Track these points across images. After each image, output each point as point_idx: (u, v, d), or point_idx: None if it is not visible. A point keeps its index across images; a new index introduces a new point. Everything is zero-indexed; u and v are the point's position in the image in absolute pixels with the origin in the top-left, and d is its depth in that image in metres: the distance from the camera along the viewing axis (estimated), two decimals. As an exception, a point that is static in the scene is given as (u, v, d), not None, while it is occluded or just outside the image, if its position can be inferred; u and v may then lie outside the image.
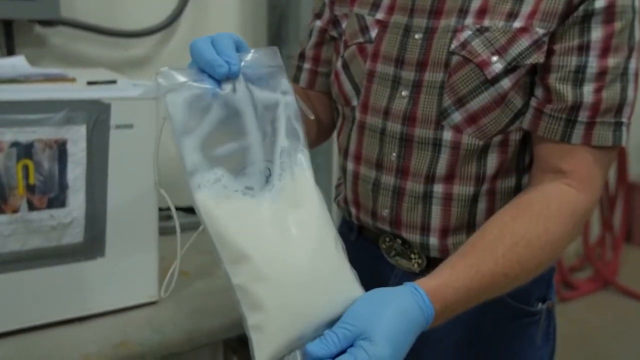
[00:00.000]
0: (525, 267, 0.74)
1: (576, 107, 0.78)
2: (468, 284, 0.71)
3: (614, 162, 3.38)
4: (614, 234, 3.41)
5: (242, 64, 0.67)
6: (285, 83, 0.71)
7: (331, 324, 0.65)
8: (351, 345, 0.62)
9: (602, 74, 0.77)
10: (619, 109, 0.78)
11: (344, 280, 0.69)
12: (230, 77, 0.65)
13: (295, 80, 1.03)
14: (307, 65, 1.02)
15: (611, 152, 0.80)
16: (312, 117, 0.75)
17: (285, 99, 0.71)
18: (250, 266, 0.64)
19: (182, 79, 0.65)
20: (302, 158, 0.71)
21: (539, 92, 0.80)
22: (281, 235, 0.66)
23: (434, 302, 0.68)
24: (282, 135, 0.70)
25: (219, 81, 0.66)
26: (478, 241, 0.75)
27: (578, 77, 0.77)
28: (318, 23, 1.00)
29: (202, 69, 0.66)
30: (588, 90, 0.77)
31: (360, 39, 0.91)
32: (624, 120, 0.79)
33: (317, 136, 1.05)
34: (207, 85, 0.66)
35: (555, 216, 0.76)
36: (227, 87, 0.66)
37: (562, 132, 0.79)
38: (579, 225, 0.79)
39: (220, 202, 0.65)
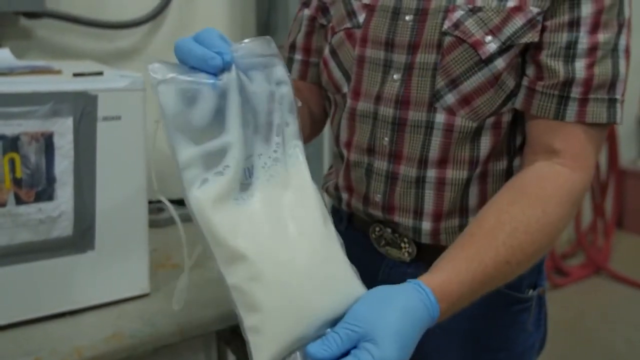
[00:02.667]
0: (526, 252, 0.73)
1: (568, 82, 0.77)
2: (472, 276, 0.70)
3: (605, 146, 3.39)
4: (606, 220, 3.43)
5: (235, 54, 0.65)
6: (281, 72, 0.69)
7: (333, 323, 0.63)
8: (354, 347, 0.60)
9: (593, 49, 0.76)
10: (611, 85, 0.78)
11: (344, 278, 0.67)
12: (225, 68, 0.64)
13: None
14: (298, 57, 1.01)
15: (603, 130, 0.80)
16: (299, 105, 0.74)
17: (280, 90, 0.69)
18: (246, 265, 0.62)
19: (173, 73, 0.64)
20: (297, 151, 0.70)
21: (530, 70, 0.80)
22: (278, 233, 0.65)
23: (440, 300, 0.66)
24: (275, 128, 0.68)
25: (214, 75, 0.64)
26: (476, 230, 0.74)
27: (569, 52, 0.77)
28: (307, 12, 0.99)
29: (194, 66, 0.64)
30: (580, 65, 0.77)
31: (348, 25, 0.90)
32: (618, 97, 0.78)
33: (311, 130, 1.05)
34: (200, 77, 0.64)
35: (552, 197, 0.76)
36: (221, 79, 0.64)
37: (556, 110, 0.78)
38: (576, 205, 0.79)
39: (213, 199, 0.63)
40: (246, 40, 0.68)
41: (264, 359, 0.62)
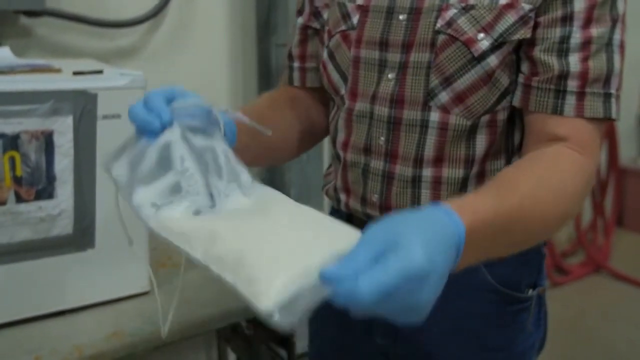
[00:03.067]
0: (546, 212, 0.71)
1: (563, 76, 0.77)
2: (495, 209, 0.64)
3: (605, 144, 3.38)
4: (606, 219, 3.43)
5: (176, 111, 0.69)
6: (219, 138, 0.72)
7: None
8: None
9: (586, 43, 0.77)
10: (607, 80, 0.78)
11: (340, 227, 0.62)
12: (164, 127, 0.68)
13: (290, 81, 1.04)
14: (296, 64, 1.02)
15: (601, 126, 0.80)
16: (269, 134, 0.77)
17: (221, 145, 0.72)
18: (220, 241, 0.60)
19: (122, 151, 0.69)
20: (248, 180, 0.72)
21: (524, 66, 0.80)
22: (250, 222, 0.65)
23: (462, 217, 0.59)
24: (224, 168, 0.70)
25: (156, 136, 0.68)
26: (499, 180, 0.72)
27: (563, 47, 0.77)
28: (300, 20, 1.01)
29: (140, 130, 0.68)
30: (574, 59, 0.77)
31: (343, 27, 0.90)
32: (613, 91, 0.78)
33: (313, 136, 1.05)
34: (143, 143, 0.68)
35: (568, 170, 0.75)
36: (164, 135, 0.68)
37: (553, 104, 0.78)
38: (588, 185, 0.78)
39: (172, 215, 0.66)
40: (190, 98, 0.72)
41: (265, 296, 0.53)
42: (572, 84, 0.77)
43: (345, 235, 0.59)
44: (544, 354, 1.04)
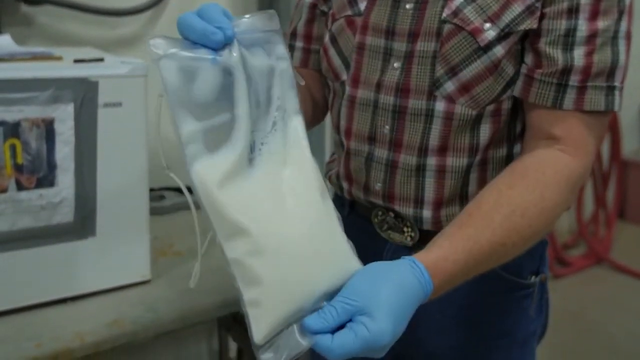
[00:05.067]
0: (522, 236, 0.74)
1: (567, 70, 0.77)
2: (467, 255, 0.70)
3: (607, 136, 3.37)
4: (607, 211, 3.43)
5: (236, 29, 0.65)
6: (281, 48, 0.69)
7: (329, 296, 0.65)
8: (350, 320, 0.62)
9: (592, 36, 0.76)
10: (610, 73, 0.77)
11: (341, 253, 0.68)
12: (227, 43, 0.64)
13: None
14: (299, 44, 1.01)
15: (604, 118, 0.80)
16: (303, 83, 0.73)
17: (280, 65, 0.69)
18: (247, 240, 0.63)
19: (175, 48, 0.63)
20: (297, 126, 0.70)
21: (528, 57, 0.80)
22: (278, 208, 0.65)
23: (433, 276, 0.67)
24: (275, 103, 0.68)
25: (215, 51, 0.64)
26: (475, 211, 0.74)
27: (568, 40, 0.77)
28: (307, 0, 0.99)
29: (196, 41, 0.64)
30: (579, 53, 0.76)
31: (349, 12, 0.90)
32: (617, 84, 0.78)
33: (313, 116, 1.04)
34: (202, 53, 0.64)
35: (551, 183, 0.76)
36: (222, 54, 0.64)
37: (554, 98, 0.78)
38: (574, 191, 0.79)
39: (215, 175, 0.63)
40: (248, 15, 0.68)
41: (262, 331, 0.63)
42: (575, 79, 0.77)
43: (345, 266, 0.67)
44: (544, 346, 1.04)
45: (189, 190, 0.68)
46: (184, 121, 0.63)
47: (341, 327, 0.62)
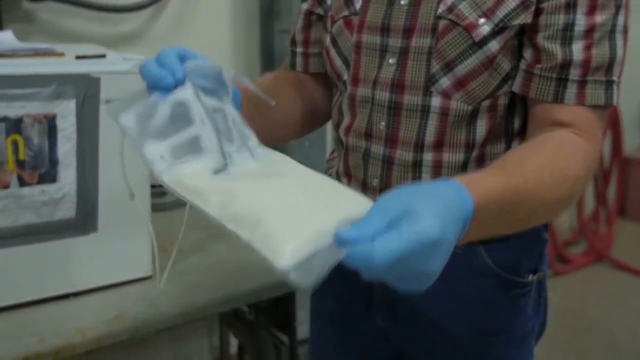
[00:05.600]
0: (550, 194, 0.71)
1: (566, 65, 0.77)
2: (502, 187, 0.66)
3: (608, 134, 3.36)
4: (608, 208, 3.43)
5: (188, 70, 0.69)
6: (227, 101, 0.73)
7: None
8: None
9: (590, 31, 0.76)
10: (609, 67, 0.78)
11: (351, 194, 0.63)
12: (177, 84, 0.68)
13: (292, 66, 1.03)
14: (299, 50, 1.02)
15: (604, 112, 0.80)
16: (273, 103, 0.77)
17: (230, 111, 0.72)
18: (236, 198, 0.60)
19: (129, 103, 0.68)
20: (268, 151, 0.72)
21: (527, 53, 0.80)
22: (262, 181, 0.66)
23: (472, 193, 0.61)
24: (235, 131, 0.71)
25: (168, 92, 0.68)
26: (503, 161, 0.72)
27: (566, 35, 0.77)
28: (304, 6, 1.01)
29: (151, 86, 0.68)
30: (577, 47, 0.77)
31: (346, 12, 0.90)
32: (615, 78, 0.78)
33: (314, 120, 1.05)
34: (155, 97, 0.68)
35: (572, 155, 0.75)
36: (175, 93, 0.68)
37: (555, 92, 0.78)
38: (590, 171, 0.78)
39: (190, 170, 0.65)
40: (200, 59, 0.72)
41: (283, 253, 0.53)
42: (575, 73, 0.77)
43: (358, 202, 0.60)
44: (544, 343, 1.04)
45: None
46: (147, 148, 0.66)
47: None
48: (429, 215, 0.53)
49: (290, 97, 1.00)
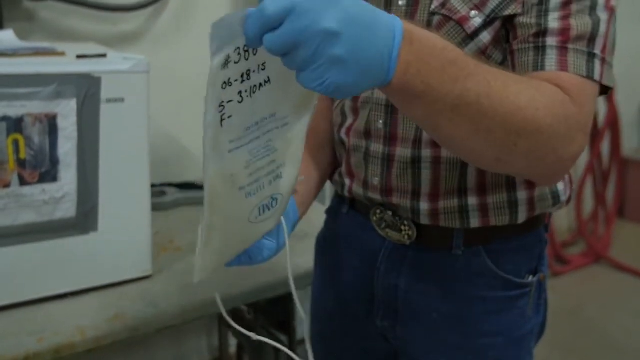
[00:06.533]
0: (507, 94, 0.64)
1: (541, 32, 0.75)
2: (446, 45, 0.61)
3: (607, 134, 3.33)
4: (607, 209, 3.43)
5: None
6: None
7: None
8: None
9: (566, 3, 0.75)
10: (591, 39, 0.75)
11: None
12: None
13: None
14: None
15: (591, 87, 0.74)
16: (302, 179, 0.78)
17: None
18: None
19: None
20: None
21: (510, 37, 0.79)
22: None
23: (405, 24, 0.57)
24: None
25: None
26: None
27: (542, 8, 0.75)
28: None
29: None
30: (553, 17, 0.75)
31: None
32: (597, 52, 0.75)
33: (322, 178, 1.01)
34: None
35: (547, 96, 0.69)
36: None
37: (534, 61, 0.75)
38: (567, 121, 0.69)
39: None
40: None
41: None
42: (553, 39, 0.74)
43: None
44: (543, 343, 1.05)
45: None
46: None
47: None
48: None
49: (323, 156, 1.00)
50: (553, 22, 0.75)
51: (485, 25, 0.78)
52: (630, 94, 3.39)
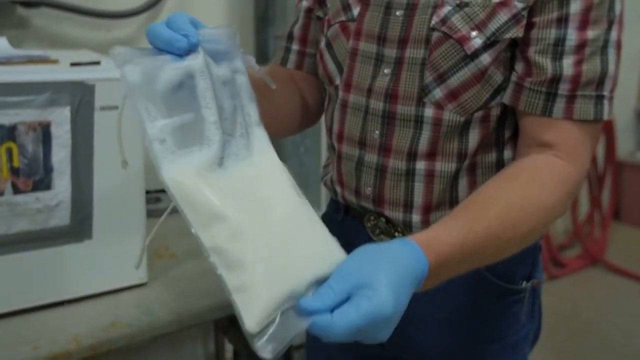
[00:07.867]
0: (518, 231, 0.73)
1: (556, 79, 0.78)
2: (462, 240, 0.68)
3: (599, 137, 3.38)
4: (603, 212, 3.44)
5: (201, 37, 0.67)
6: (239, 63, 0.72)
7: (320, 284, 0.61)
8: (348, 299, 0.59)
9: (581, 46, 0.77)
10: (600, 82, 0.78)
11: (325, 241, 0.67)
12: (191, 50, 0.66)
13: (283, 62, 1.03)
14: (295, 47, 1.01)
15: (594, 127, 0.80)
16: (274, 87, 0.77)
17: (239, 78, 0.71)
18: (224, 225, 0.61)
19: (138, 56, 0.64)
20: (261, 136, 0.72)
21: (519, 66, 0.81)
22: (253, 199, 0.65)
23: (428, 254, 0.65)
24: (239, 112, 0.70)
25: (180, 57, 0.66)
26: (470, 203, 0.74)
27: (557, 49, 0.77)
28: (305, 3, 1.00)
29: (162, 49, 0.66)
30: (568, 62, 0.77)
31: (343, 18, 0.90)
32: (605, 93, 0.78)
33: (303, 119, 1.05)
34: (166, 59, 0.65)
35: (547, 183, 0.75)
36: (187, 59, 0.66)
37: (543, 106, 0.79)
38: (571, 195, 0.79)
39: (189, 167, 0.64)
40: (213, 27, 0.70)
41: (254, 317, 0.59)
42: (564, 87, 0.77)
43: (331, 255, 0.65)
44: (539, 347, 1.05)
45: None
46: (149, 118, 0.63)
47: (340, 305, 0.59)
48: (386, 291, 0.58)
49: (287, 90, 1.00)
50: (567, 68, 0.77)
51: (485, 47, 0.79)
52: (625, 97, 3.40)
